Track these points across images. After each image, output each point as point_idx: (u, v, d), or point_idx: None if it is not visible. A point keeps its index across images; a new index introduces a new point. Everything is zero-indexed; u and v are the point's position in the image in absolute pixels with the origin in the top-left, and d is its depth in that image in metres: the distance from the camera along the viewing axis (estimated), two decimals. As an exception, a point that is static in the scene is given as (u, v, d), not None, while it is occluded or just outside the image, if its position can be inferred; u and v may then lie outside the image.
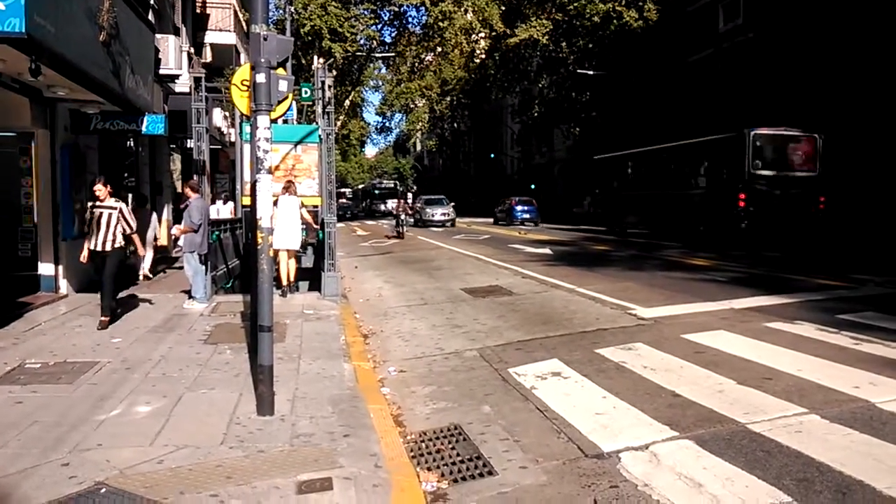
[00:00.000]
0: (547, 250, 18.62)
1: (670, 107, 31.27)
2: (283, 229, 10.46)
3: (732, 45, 28.36)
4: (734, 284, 10.81)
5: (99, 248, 8.34)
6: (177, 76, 16.57)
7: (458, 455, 4.45)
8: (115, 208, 8.42)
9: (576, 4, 32.94)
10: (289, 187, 10.72)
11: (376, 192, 62.53)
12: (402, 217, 26.41)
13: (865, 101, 21.27)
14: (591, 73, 34.02)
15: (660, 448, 4.33)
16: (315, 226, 11.88)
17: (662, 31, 31.31)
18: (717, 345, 6.85)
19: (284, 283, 10.66)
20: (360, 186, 75.32)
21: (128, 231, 8.48)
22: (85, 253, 8.47)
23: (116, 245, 8.38)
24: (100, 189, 8.44)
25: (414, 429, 5.00)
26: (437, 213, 34.28)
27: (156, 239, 12.68)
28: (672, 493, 3.72)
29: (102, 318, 8.14)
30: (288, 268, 10.84)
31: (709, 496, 3.66)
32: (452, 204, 36.47)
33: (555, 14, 34.38)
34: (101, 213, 8.35)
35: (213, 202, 15.94)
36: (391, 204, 58.23)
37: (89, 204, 8.64)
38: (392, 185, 65.12)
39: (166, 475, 3.92)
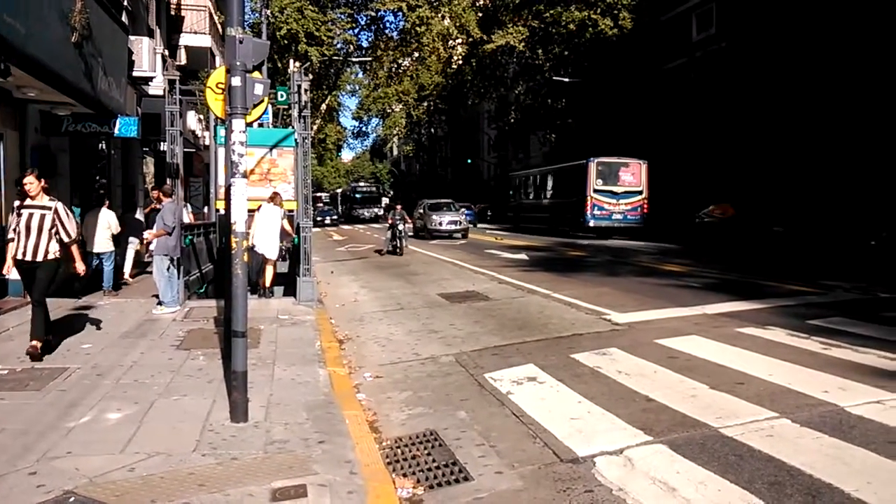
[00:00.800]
0: (523, 255, 18.70)
1: (644, 114, 31.65)
2: (261, 237, 10.40)
3: (705, 54, 28.83)
4: (707, 290, 10.95)
5: (28, 258, 6.75)
6: (150, 78, 16.38)
7: (433, 461, 4.44)
8: (50, 209, 6.82)
9: (552, 12, 33.22)
10: (274, 198, 10.72)
11: (357, 195, 59.05)
12: (402, 227, 20.20)
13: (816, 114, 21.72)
14: (566, 80, 34.31)
15: (634, 453, 4.36)
16: (292, 234, 11.84)
17: (637, 40, 31.72)
18: (690, 350, 6.93)
19: (262, 286, 10.64)
20: (339, 190, 73.25)
21: (65, 238, 6.88)
22: (8, 263, 6.89)
23: (50, 256, 6.82)
24: (31, 183, 6.78)
25: (389, 435, 4.98)
26: (445, 220, 27.46)
27: (142, 242, 12.49)
28: (646, 498, 3.75)
29: (33, 344, 6.63)
30: (265, 272, 10.79)
31: (682, 500, 3.70)
32: (464, 210, 30.84)
33: (531, 21, 34.62)
34: (32, 215, 6.76)
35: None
36: (370, 212, 53.35)
37: (16, 203, 7.05)
38: (374, 189, 62.53)
39: (137, 483, 3.86)
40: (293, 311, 9.76)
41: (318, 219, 50.00)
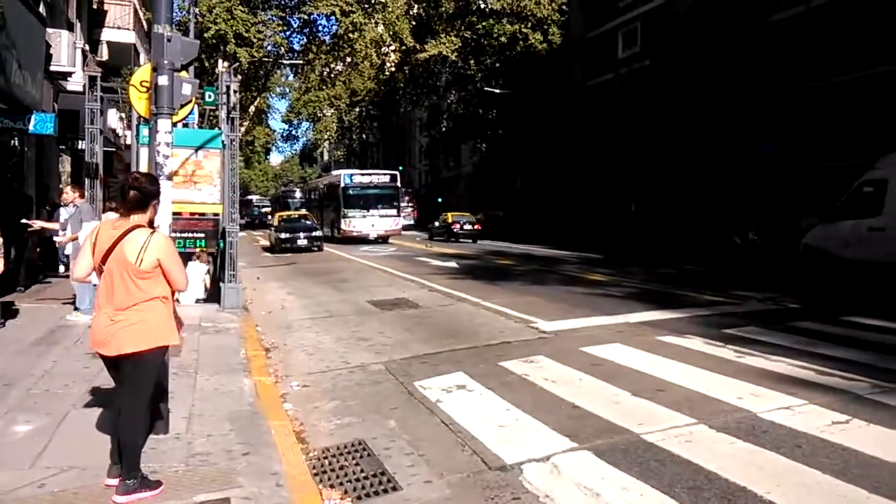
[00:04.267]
0: (453, 263, 18.82)
1: (570, 126, 32.54)
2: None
3: (630, 71, 29.90)
4: (629, 299, 11.31)
5: None
6: (69, 74, 15.66)
7: (362, 471, 4.40)
8: None
9: (484, 24, 33.72)
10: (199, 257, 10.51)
11: (289, 200, 53.62)
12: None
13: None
14: (497, 91, 34.87)
15: (560, 459, 4.45)
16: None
17: (566, 55, 32.58)
18: (613, 357, 7.13)
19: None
20: (273, 193, 70.49)
21: None
22: None
23: None
24: None
25: (317, 445, 4.90)
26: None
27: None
28: (572, 504, 3.83)
29: None
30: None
31: (606, 505, 3.80)
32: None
33: (464, 32, 35.01)
34: None
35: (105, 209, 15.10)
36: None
37: None
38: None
39: (48, 500, 3.66)
40: (217, 319, 9.49)
41: (249, 220, 49.00)
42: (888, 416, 5.06)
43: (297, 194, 57.56)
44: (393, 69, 44.25)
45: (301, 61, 37.70)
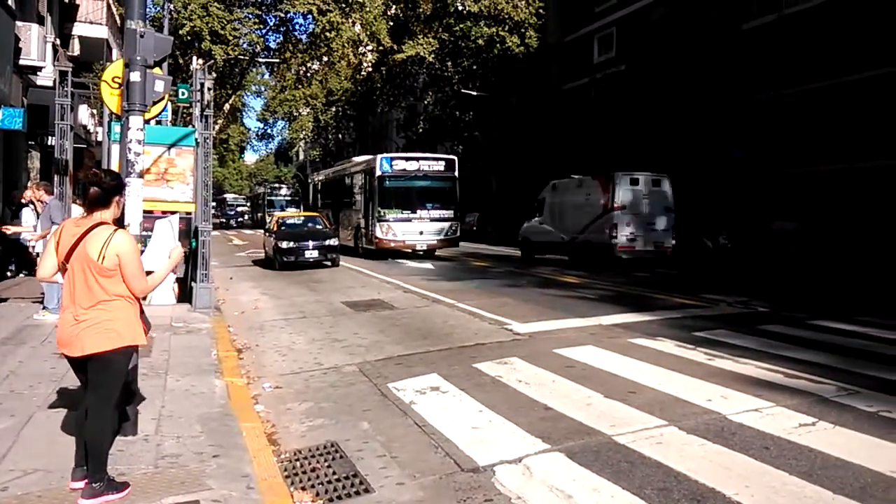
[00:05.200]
0: (429, 265, 18.82)
1: (547, 129, 32.74)
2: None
3: (605, 76, 30.17)
4: (602, 301, 11.40)
5: None
6: (39, 68, 15.39)
7: (333, 473, 4.37)
8: None
9: (462, 26, 33.76)
10: None
11: (274, 199, 51.25)
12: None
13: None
14: (474, 93, 34.95)
15: (533, 461, 4.47)
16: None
17: (543, 58, 32.76)
18: (586, 359, 7.18)
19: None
20: (251, 191, 69.73)
21: None
22: None
23: None
24: None
25: (289, 447, 4.87)
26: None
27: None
28: (543, 505, 3.84)
29: None
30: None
31: (577, 507, 3.82)
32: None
33: (441, 34, 35.01)
34: None
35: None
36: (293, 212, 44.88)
37: None
38: (297, 192, 53.77)
39: (11, 503, 3.58)
40: (188, 319, 9.37)
41: (223, 220, 48.40)
42: (852, 419, 5.16)
43: (284, 191, 55.57)
44: (370, 69, 44.14)
45: (277, 60, 37.44)
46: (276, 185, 61.92)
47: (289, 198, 53.01)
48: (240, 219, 50.12)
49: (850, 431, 4.90)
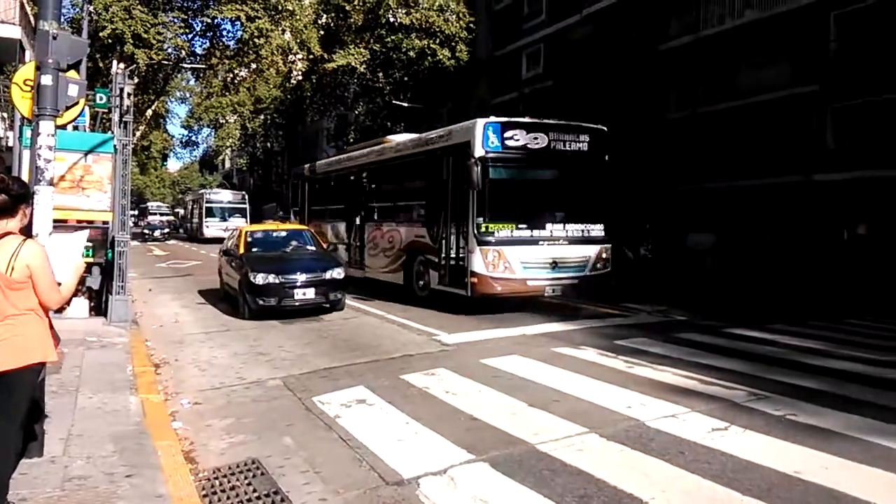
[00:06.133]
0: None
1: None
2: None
3: (533, 91, 30.83)
4: (527, 311, 11.52)
5: None
6: (-60, 67, 14.45)
7: (254, 491, 4.25)
8: None
9: (393, 38, 33.84)
10: None
11: (213, 207, 41.91)
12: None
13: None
14: (406, 105, 35.05)
15: (457, 472, 4.48)
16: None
17: (473, 72, 33.20)
18: (511, 369, 7.28)
19: None
20: (182, 198, 63.00)
21: None
22: None
23: None
24: None
25: (207, 465, 4.71)
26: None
27: None
28: (466, 516, 3.86)
29: None
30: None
31: (500, 516, 3.85)
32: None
33: (373, 44, 34.99)
34: None
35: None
36: (236, 221, 36.31)
37: None
38: (241, 198, 44.79)
39: None
40: (103, 333, 8.96)
41: (147, 232, 44.59)
42: (762, 423, 5.42)
43: (229, 197, 44.46)
44: (300, 78, 43.61)
45: (203, 65, 36.50)
46: (215, 189, 52.91)
47: (234, 204, 43.40)
48: (165, 230, 45.15)
49: (759, 435, 5.13)
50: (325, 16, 36.36)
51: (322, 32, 35.78)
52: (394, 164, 14.85)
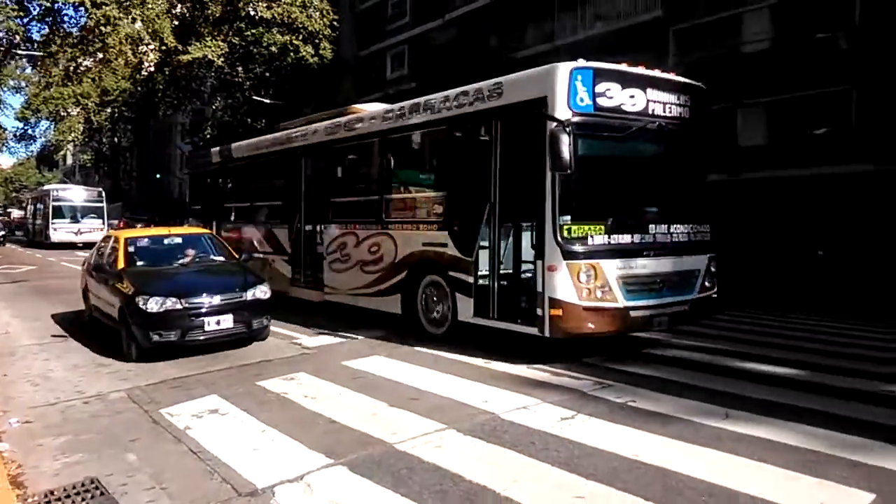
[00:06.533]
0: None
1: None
2: None
3: (398, 92, 30.98)
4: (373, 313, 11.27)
5: None
6: None
7: (91, 512, 3.96)
8: None
9: (253, 32, 32.79)
10: None
11: (61, 206, 36.08)
12: None
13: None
14: (267, 101, 34.05)
15: (314, 477, 4.41)
16: None
17: (338, 71, 32.84)
18: (372, 370, 7.28)
19: None
20: (19, 196, 55.67)
21: None
22: None
23: None
24: None
25: (38, 489, 4.32)
26: None
27: None
28: (322, 522, 3.81)
29: None
30: None
31: (355, 519, 3.83)
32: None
33: (232, 37, 33.66)
34: None
35: None
36: (90, 224, 34.45)
37: None
38: (97, 195, 38.22)
39: None
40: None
41: None
42: (606, 410, 5.77)
43: (81, 195, 37.94)
44: (152, 69, 41.07)
45: (41, 53, 33.45)
46: (61, 185, 46.65)
47: (88, 203, 37.32)
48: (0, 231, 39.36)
49: (602, 422, 5.46)
50: (179, 6, 34.50)
51: (176, 23, 33.95)
52: (383, 140, 10.29)
